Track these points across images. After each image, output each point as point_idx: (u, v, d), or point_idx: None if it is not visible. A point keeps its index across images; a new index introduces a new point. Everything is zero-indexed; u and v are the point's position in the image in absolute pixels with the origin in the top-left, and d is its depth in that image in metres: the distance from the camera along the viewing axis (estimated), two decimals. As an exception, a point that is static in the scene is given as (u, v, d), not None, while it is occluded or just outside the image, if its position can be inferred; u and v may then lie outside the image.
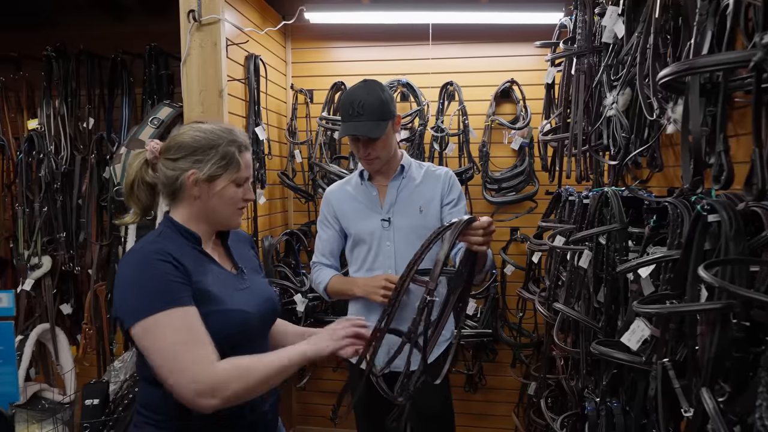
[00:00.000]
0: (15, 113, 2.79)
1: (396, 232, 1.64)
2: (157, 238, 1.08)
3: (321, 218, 1.76)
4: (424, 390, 1.71)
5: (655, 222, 1.29)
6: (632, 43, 1.41)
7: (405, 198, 1.67)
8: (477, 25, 2.48)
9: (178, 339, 0.95)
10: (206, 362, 0.96)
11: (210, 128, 1.11)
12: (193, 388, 0.94)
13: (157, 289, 0.97)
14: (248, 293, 1.15)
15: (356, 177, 1.73)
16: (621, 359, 1.20)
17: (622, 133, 1.49)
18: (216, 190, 1.09)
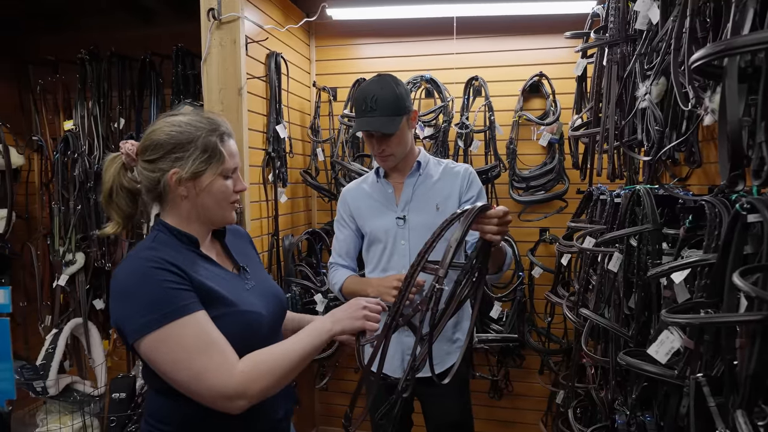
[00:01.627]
0: (52, 115, 2.90)
1: (411, 230, 1.59)
2: (152, 244, 1.00)
3: (337, 218, 1.73)
4: (441, 397, 1.65)
5: (691, 222, 1.19)
6: (667, 28, 1.30)
7: (421, 195, 1.61)
8: (503, 17, 2.39)
9: (194, 349, 0.91)
10: (227, 366, 0.93)
11: (186, 120, 1.02)
12: (219, 395, 0.92)
13: (159, 300, 0.92)
14: (255, 293, 1.11)
15: (373, 175, 1.69)
16: (650, 372, 1.10)
17: (655, 127, 1.38)
18: (203, 187, 1.01)
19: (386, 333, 1.02)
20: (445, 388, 1.59)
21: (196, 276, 0.99)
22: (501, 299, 2.42)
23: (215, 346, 0.94)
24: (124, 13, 2.61)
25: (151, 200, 1.04)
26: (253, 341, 1.04)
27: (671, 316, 0.89)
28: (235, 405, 0.93)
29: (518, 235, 2.52)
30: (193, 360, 0.91)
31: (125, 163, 1.03)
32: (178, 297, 0.93)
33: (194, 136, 1.01)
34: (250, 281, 1.12)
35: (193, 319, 0.93)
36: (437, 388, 1.60)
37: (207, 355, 0.92)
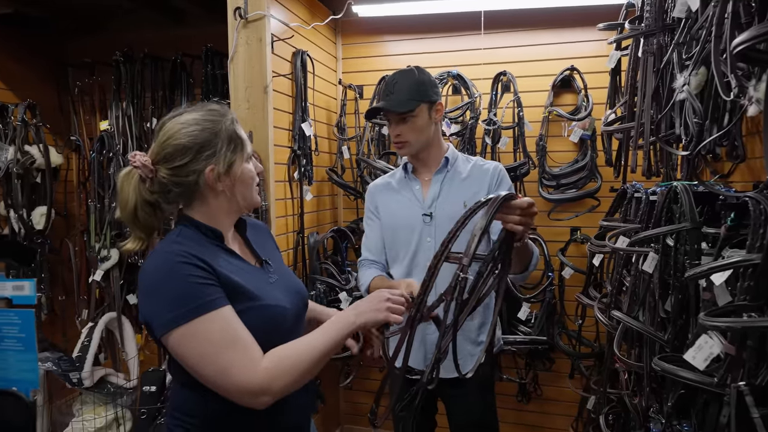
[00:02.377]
0: (89, 115, 3.00)
1: (438, 227, 1.55)
2: (177, 238, 1.00)
3: (366, 214, 1.72)
4: (464, 397, 1.61)
5: (733, 220, 1.11)
6: (708, 14, 1.22)
7: (449, 192, 1.58)
8: (533, 9, 2.32)
9: (219, 344, 0.92)
10: (252, 364, 0.93)
11: (199, 117, 1.01)
12: (244, 390, 0.92)
13: (186, 295, 0.92)
14: (278, 286, 1.11)
15: (400, 171, 1.67)
16: (687, 379, 1.04)
17: (694, 119, 1.31)
18: (237, 176, 1.03)
19: (411, 324, 1.00)
20: (469, 388, 1.55)
21: (222, 270, 0.99)
22: (529, 300, 2.35)
23: (241, 341, 0.94)
24: (156, 15, 2.68)
25: (185, 202, 1.03)
26: (277, 335, 1.04)
27: (710, 319, 0.83)
28: (259, 401, 0.93)
29: (548, 235, 2.45)
30: (220, 355, 0.91)
31: (142, 176, 0.99)
32: (204, 292, 0.93)
33: (216, 129, 1.01)
34: (273, 275, 1.12)
35: (220, 314, 0.93)
36: (461, 389, 1.57)
37: (233, 350, 0.92)
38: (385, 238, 1.66)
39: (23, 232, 2.69)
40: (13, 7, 2.52)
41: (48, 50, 2.98)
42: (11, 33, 2.78)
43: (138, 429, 2.30)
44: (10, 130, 2.65)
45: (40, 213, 2.73)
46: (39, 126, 2.68)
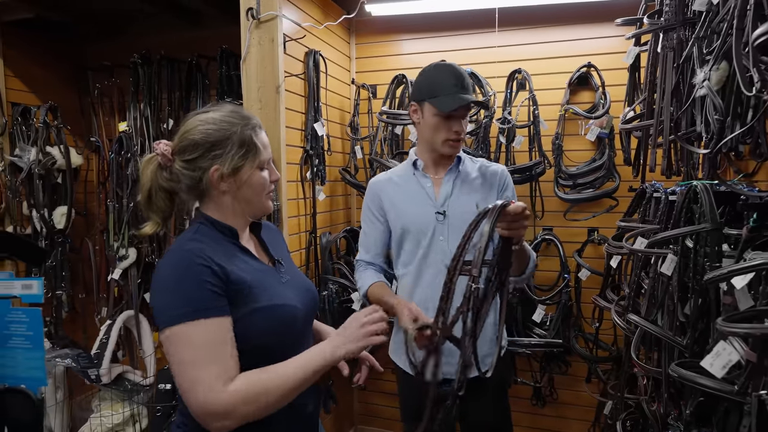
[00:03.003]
0: (109, 117, 3.06)
1: (450, 226, 1.52)
2: (194, 236, 1.03)
3: (364, 213, 1.65)
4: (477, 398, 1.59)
5: (755, 221, 1.07)
6: (730, 6, 1.17)
7: (461, 192, 1.55)
8: (548, 6, 2.28)
9: (195, 355, 0.90)
10: (219, 383, 0.90)
11: (219, 117, 1.04)
12: (204, 410, 0.90)
13: (188, 297, 0.93)
14: (290, 286, 1.11)
15: (406, 168, 1.63)
16: (706, 386, 1.00)
17: (715, 116, 1.26)
18: (243, 180, 1.04)
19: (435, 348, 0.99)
20: (484, 390, 1.53)
21: (235, 270, 1.00)
22: (545, 302, 2.31)
23: (221, 357, 0.92)
24: (172, 18, 2.71)
25: (193, 197, 1.06)
26: (289, 336, 1.05)
27: (729, 325, 0.79)
28: (218, 424, 0.91)
29: (564, 236, 2.40)
30: (194, 366, 0.90)
31: (161, 163, 1.04)
32: (206, 298, 0.94)
33: (230, 132, 1.03)
34: (285, 275, 1.13)
35: (207, 324, 0.92)
36: (476, 390, 1.54)
37: (208, 365, 0.90)
38: (393, 237, 1.61)
39: (45, 231, 2.76)
40: (35, 12, 2.58)
41: (69, 54, 3.05)
42: (33, 37, 2.85)
43: (153, 426, 2.33)
44: (33, 131, 2.72)
45: (60, 213, 2.79)
46: (60, 127, 2.74)
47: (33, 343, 0.84)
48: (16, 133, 2.71)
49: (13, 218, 2.72)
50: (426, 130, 1.52)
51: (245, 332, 0.98)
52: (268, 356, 1.01)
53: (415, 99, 1.53)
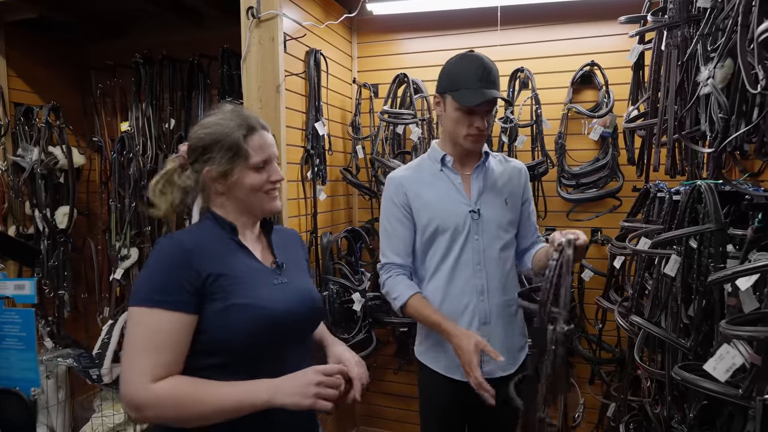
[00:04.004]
0: (111, 117, 3.06)
1: (484, 224, 1.48)
2: (193, 227, 1.09)
3: (389, 210, 1.52)
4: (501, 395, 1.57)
5: (760, 222, 1.05)
6: (734, 2, 1.15)
7: (492, 188, 1.51)
8: (551, 4, 2.26)
9: (140, 341, 0.94)
10: (147, 377, 0.92)
11: (214, 120, 1.08)
12: (125, 396, 0.93)
13: (158, 284, 0.96)
14: (282, 290, 1.09)
15: (431, 164, 1.53)
16: (709, 390, 0.98)
17: (720, 114, 1.23)
18: (233, 182, 1.06)
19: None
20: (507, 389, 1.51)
21: (217, 264, 1.01)
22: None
23: (161, 350, 0.94)
24: (174, 17, 2.71)
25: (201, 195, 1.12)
26: (266, 339, 1.04)
27: (733, 327, 0.78)
28: (131, 413, 0.93)
29: (567, 236, 2.38)
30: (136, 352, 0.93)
31: (181, 164, 1.11)
32: (172, 290, 0.96)
33: (219, 136, 1.06)
34: (282, 278, 1.12)
35: (163, 316, 0.94)
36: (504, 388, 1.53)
37: (143, 352, 0.93)
38: (419, 236, 1.51)
39: (47, 231, 2.76)
40: (38, 12, 2.59)
41: (71, 54, 3.06)
42: (36, 37, 2.86)
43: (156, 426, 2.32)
44: (35, 131, 2.72)
45: (63, 212, 2.79)
46: (62, 127, 2.74)
47: (26, 344, 0.84)
48: (18, 133, 2.72)
49: (16, 218, 2.73)
50: (448, 123, 1.47)
51: (219, 328, 0.98)
52: (244, 358, 1.01)
53: (438, 91, 1.48)
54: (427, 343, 1.54)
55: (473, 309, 1.47)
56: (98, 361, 2.56)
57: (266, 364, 1.04)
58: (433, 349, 1.52)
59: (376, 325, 2.45)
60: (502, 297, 1.49)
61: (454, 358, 1.43)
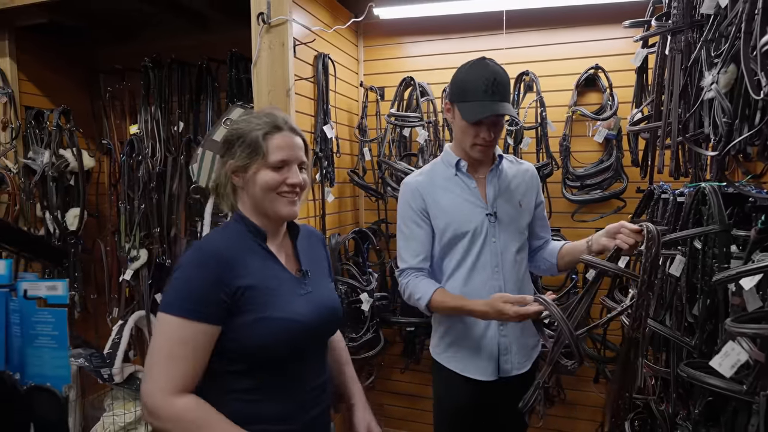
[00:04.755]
0: (120, 120, 3.10)
1: (501, 227, 1.51)
2: (223, 231, 1.11)
3: (406, 214, 1.53)
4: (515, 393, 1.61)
5: (764, 223, 1.08)
6: (737, 9, 1.18)
7: (506, 191, 1.54)
8: (556, 8, 2.29)
9: (166, 349, 0.97)
10: (169, 385, 0.95)
11: (246, 118, 1.13)
12: (145, 399, 0.96)
13: (189, 294, 0.98)
14: (306, 300, 1.11)
15: (445, 168, 1.55)
16: (714, 386, 1.01)
17: (723, 119, 1.27)
18: (249, 177, 1.09)
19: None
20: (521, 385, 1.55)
21: (247, 276, 1.02)
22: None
23: (188, 363, 0.97)
24: (183, 22, 2.75)
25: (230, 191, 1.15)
26: (289, 349, 1.06)
27: (738, 325, 0.81)
28: (147, 418, 0.97)
29: (572, 236, 2.40)
30: (157, 358, 0.97)
31: None
32: (201, 302, 0.98)
33: (244, 132, 1.10)
34: (307, 287, 1.13)
35: (189, 326, 0.97)
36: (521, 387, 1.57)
37: (168, 362, 0.96)
38: (442, 241, 1.52)
39: (58, 232, 2.80)
40: (49, 17, 2.63)
41: (81, 58, 3.10)
42: (46, 42, 2.90)
43: None
44: (46, 134, 2.76)
45: (73, 214, 2.83)
46: (73, 131, 2.78)
47: (58, 343, 0.87)
48: (29, 137, 2.76)
49: (27, 220, 2.77)
50: (457, 131, 1.50)
51: (247, 339, 1.01)
52: (267, 365, 1.04)
53: (448, 98, 1.50)
54: (443, 344, 1.56)
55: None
56: (109, 361, 2.59)
57: (287, 370, 1.08)
58: (450, 348, 1.54)
59: (383, 324, 2.48)
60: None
61: (471, 358, 1.47)
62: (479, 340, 1.49)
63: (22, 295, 0.89)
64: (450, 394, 1.54)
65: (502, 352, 1.48)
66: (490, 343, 1.48)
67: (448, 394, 1.55)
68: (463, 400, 1.52)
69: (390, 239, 2.69)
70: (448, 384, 1.54)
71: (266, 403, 1.05)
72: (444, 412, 1.58)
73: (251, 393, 1.04)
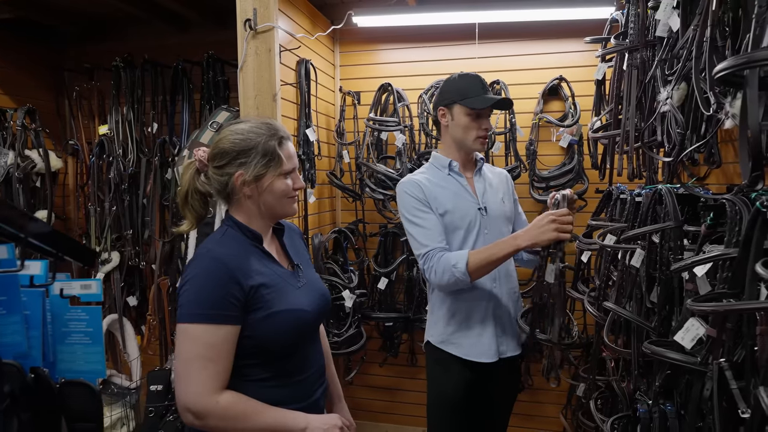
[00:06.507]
0: (87, 119, 3.03)
1: (491, 219, 1.68)
2: (221, 239, 1.13)
3: (413, 206, 1.63)
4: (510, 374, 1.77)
5: (712, 220, 1.26)
6: (688, 36, 1.37)
7: (490, 188, 1.73)
8: (524, 22, 2.47)
9: (197, 354, 1.01)
10: (209, 387, 1.01)
11: (248, 128, 1.14)
12: (186, 403, 1.01)
13: (209, 302, 1.03)
14: (305, 291, 1.20)
15: (438, 170, 1.71)
16: (675, 359, 1.18)
17: (677, 129, 1.46)
18: (264, 187, 1.13)
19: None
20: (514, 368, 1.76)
21: (255, 276, 1.09)
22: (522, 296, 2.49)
23: (220, 364, 1.03)
24: (159, 23, 2.73)
25: (222, 200, 1.17)
26: (299, 337, 1.16)
27: (698, 304, 0.97)
28: (189, 419, 1.02)
29: (538, 234, 2.59)
30: (189, 364, 1.01)
31: (198, 168, 1.16)
32: (223, 306, 1.04)
33: (255, 142, 1.12)
34: (302, 279, 1.22)
35: (216, 330, 1.03)
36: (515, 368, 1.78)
37: (201, 365, 1.01)
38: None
39: (24, 235, 2.71)
40: (13, 13, 2.55)
41: (47, 55, 3.00)
42: (10, 38, 2.79)
43: (148, 427, 2.35)
44: (9, 135, 2.67)
45: (40, 217, 2.75)
46: (39, 131, 2.70)
47: (93, 339, 0.91)
48: (-8, 137, 2.66)
49: (-10, 223, 2.67)
50: (457, 130, 1.65)
51: (262, 333, 1.09)
52: (279, 354, 1.13)
53: (443, 104, 1.65)
54: (448, 331, 1.66)
55: (489, 295, 1.64)
56: (83, 366, 2.54)
57: (296, 357, 1.16)
58: (455, 335, 1.65)
59: (363, 320, 2.58)
60: (509, 285, 1.70)
61: (476, 340, 1.62)
62: (482, 323, 1.63)
63: (57, 294, 0.93)
64: (452, 381, 1.65)
65: (498, 334, 1.63)
66: (490, 326, 1.63)
67: (450, 381, 1.65)
68: (465, 385, 1.64)
69: (367, 239, 2.80)
70: (450, 370, 1.65)
71: (279, 388, 1.13)
72: (445, 400, 1.67)
73: (265, 381, 1.12)
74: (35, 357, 0.84)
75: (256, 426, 1.05)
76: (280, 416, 1.08)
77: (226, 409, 1.01)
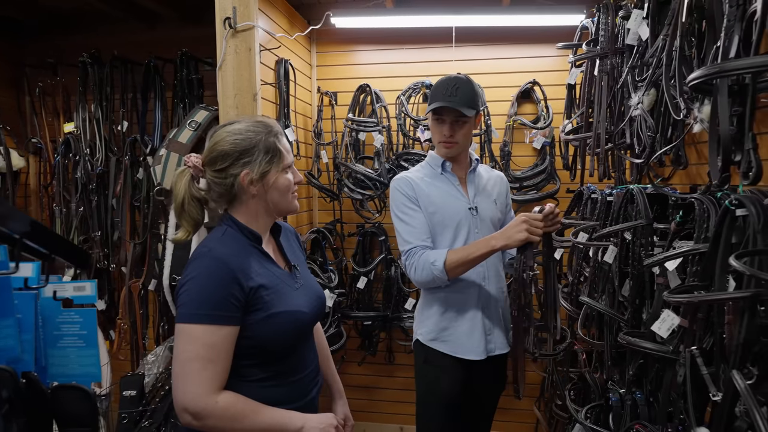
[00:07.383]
0: (52, 117, 2.91)
1: (481, 220, 1.70)
2: (222, 238, 1.12)
3: (403, 203, 1.66)
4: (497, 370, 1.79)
5: (681, 218, 1.35)
6: (657, 45, 1.46)
7: (483, 190, 1.75)
8: (499, 27, 2.54)
9: (197, 355, 1.01)
10: (207, 387, 1.01)
11: (245, 127, 1.12)
12: (184, 403, 1.01)
13: (210, 302, 1.02)
14: (303, 292, 1.20)
15: (431, 169, 1.73)
16: (649, 348, 1.26)
17: (648, 133, 1.55)
18: (270, 183, 1.12)
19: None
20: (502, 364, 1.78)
21: (255, 277, 1.08)
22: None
23: (218, 364, 1.03)
24: (132, 19, 2.65)
25: (223, 204, 1.15)
26: (296, 337, 1.17)
27: (674, 296, 1.04)
28: (186, 420, 1.01)
29: (512, 232, 2.67)
30: (188, 364, 1.01)
31: (193, 174, 1.13)
32: (224, 307, 1.03)
33: (256, 140, 1.11)
34: (299, 280, 1.22)
35: (217, 331, 1.02)
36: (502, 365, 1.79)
37: (200, 366, 1.01)
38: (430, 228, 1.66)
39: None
40: (-29, 5, 2.43)
41: (6, 49, 2.86)
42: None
43: (121, 433, 2.28)
44: (-33, 132, 2.54)
45: None
46: (-1, 128, 2.59)
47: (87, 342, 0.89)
48: (-52, 134, 2.52)
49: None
50: (432, 134, 1.70)
51: (260, 334, 1.09)
52: (276, 355, 1.13)
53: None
54: (438, 329, 1.69)
55: (477, 294, 1.67)
56: (50, 373, 2.44)
57: (292, 357, 1.18)
58: (444, 332, 1.68)
59: (342, 319, 2.60)
60: (498, 284, 1.72)
61: (465, 339, 1.65)
62: (472, 321, 1.66)
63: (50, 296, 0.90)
64: (441, 378, 1.67)
65: (487, 332, 1.68)
66: (479, 324, 1.66)
67: (439, 378, 1.68)
68: (454, 382, 1.67)
69: (345, 238, 2.81)
70: (440, 368, 1.68)
71: (275, 388, 1.14)
72: (435, 397, 1.70)
73: (262, 381, 1.12)
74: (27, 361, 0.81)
75: (254, 426, 1.05)
76: (278, 416, 1.08)
77: (225, 410, 1.01)
